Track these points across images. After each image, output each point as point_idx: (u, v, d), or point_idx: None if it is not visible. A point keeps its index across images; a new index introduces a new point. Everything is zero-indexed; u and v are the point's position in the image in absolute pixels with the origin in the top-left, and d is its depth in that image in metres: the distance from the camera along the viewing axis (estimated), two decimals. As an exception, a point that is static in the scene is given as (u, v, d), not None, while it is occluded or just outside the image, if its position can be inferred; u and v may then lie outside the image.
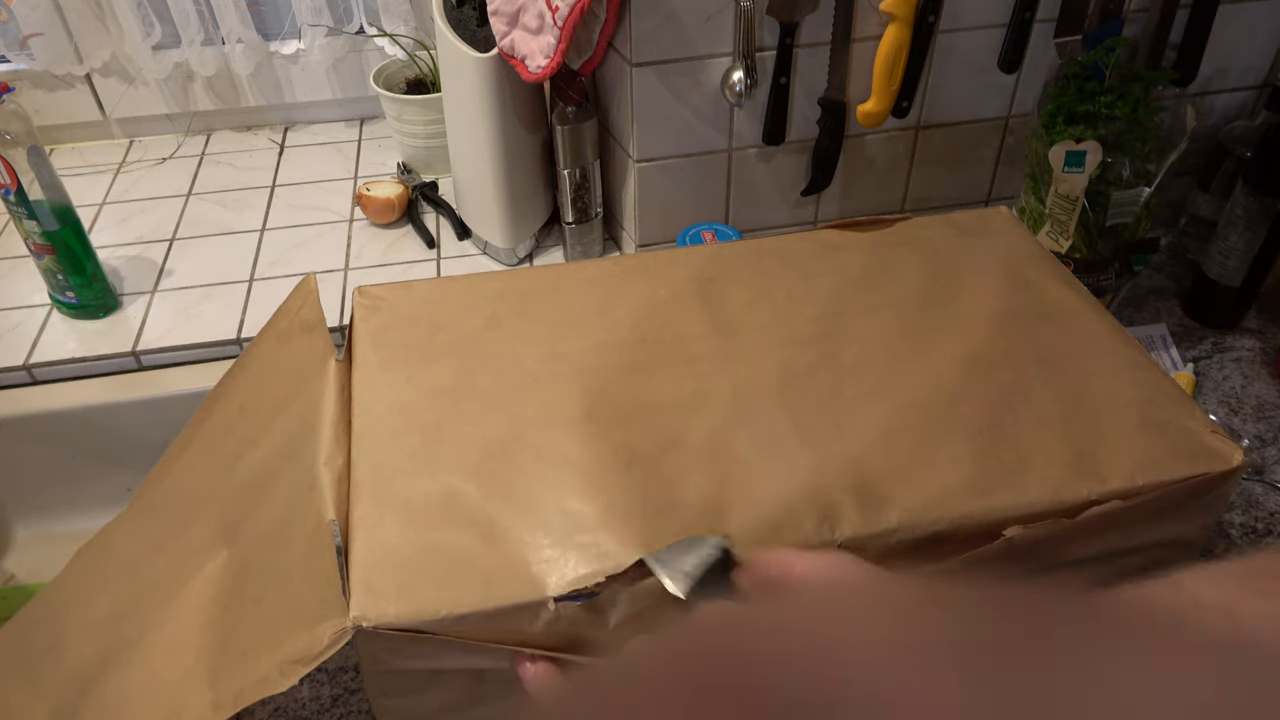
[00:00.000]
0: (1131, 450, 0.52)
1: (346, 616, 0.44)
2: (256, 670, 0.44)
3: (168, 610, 0.51)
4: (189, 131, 1.20)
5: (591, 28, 0.79)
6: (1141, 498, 0.50)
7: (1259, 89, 0.96)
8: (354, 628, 0.43)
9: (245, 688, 0.44)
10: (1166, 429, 0.54)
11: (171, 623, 0.51)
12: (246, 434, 0.58)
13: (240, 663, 0.46)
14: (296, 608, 0.46)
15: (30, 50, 1.08)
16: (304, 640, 0.44)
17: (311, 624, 0.44)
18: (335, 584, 0.45)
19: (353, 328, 0.60)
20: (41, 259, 0.87)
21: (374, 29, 1.14)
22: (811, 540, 0.48)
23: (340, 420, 0.53)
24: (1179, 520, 0.54)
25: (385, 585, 0.45)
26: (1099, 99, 0.78)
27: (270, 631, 0.46)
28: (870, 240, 0.68)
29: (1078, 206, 0.80)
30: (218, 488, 0.57)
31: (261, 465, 0.55)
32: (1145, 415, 0.55)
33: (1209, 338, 0.91)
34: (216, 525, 0.54)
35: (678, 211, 0.89)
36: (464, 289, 0.64)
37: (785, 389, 0.56)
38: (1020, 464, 0.51)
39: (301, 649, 0.44)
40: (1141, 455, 0.52)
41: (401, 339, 0.59)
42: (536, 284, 0.65)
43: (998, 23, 0.85)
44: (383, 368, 0.57)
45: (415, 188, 1.06)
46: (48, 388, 0.87)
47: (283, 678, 0.43)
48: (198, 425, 0.63)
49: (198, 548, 0.54)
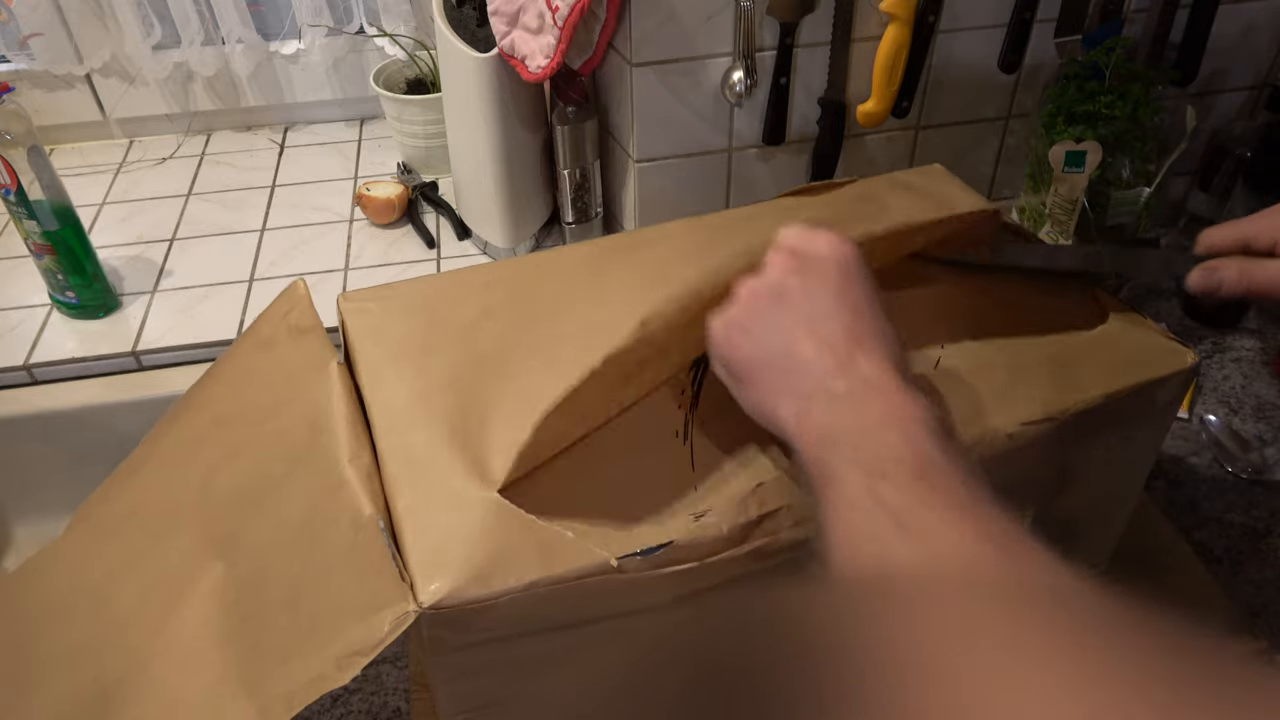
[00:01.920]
0: (1100, 362, 0.58)
1: (408, 602, 0.44)
2: (306, 671, 0.44)
3: (164, 634, 0.51)
4: (189, 131, 1.20)
5: (591, 28, 0.79)
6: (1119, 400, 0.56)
7: (1259, 89, 0.96)
8: (418, 610, 0.44)
9: (296, 690, 0.44)
10: (1128, 341, 0.60)
11: (175, 646, 0.50)
12: (226, 445, 0.57)
13: (283, 667, 0.46)
14: (344, 603, 0.46)
15: (30, 50, 1.08)
16: (359, 632, 0.44)
17: (365, 615, 0.44)
18: (389, 573, 0.45)
19: (346, 331, 0.60)
20: (41, 259, 0.87)
21: (374, 29, 1.14)
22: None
23: (356, 419, 0.53)
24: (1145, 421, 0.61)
25: (445, 566, 0.46)
26: (1099, 99, 0.78)
27: (316, 630, 0.46)
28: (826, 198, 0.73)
29: (1078, 206, 0.80)
30: (194, 503, 0.56)
31: (253, 474, 0.54)
32: (1104, 331, 0.61)
33: (1209, 338, 0.91)
34: (201, 540, 0.54)
35: (678, 211, 0.89)
36: (450, 283, 0.64)
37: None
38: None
39: (359, 641, 0.44)
40: (1111, 365, 0.58)
41: (401, 335, 0.59)
42: (522, 271, 0.65)
43: (998, 23, 0.85)
44: (390, 363, 0.57)
45: (415, 188, 1.06)
46: (48, 388, 0.87)
47: (340, 672, 0.44)
48: (155, 443, 0.62)
49: (179, 567, 0.53)
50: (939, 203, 0.69)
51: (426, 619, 0.44)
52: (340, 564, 0.48)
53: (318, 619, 0.46)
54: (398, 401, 0.55)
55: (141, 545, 0.57)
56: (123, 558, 0.57)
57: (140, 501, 0.60)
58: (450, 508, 0.49)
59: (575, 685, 0.51)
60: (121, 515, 0.60)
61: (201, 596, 0.52)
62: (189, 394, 0.63)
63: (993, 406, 0.56)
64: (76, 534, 0.62)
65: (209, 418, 0.61)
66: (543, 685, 0.51)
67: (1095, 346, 0.60)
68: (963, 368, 0.58)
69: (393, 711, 0.64)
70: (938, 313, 0.62)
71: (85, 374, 0.88)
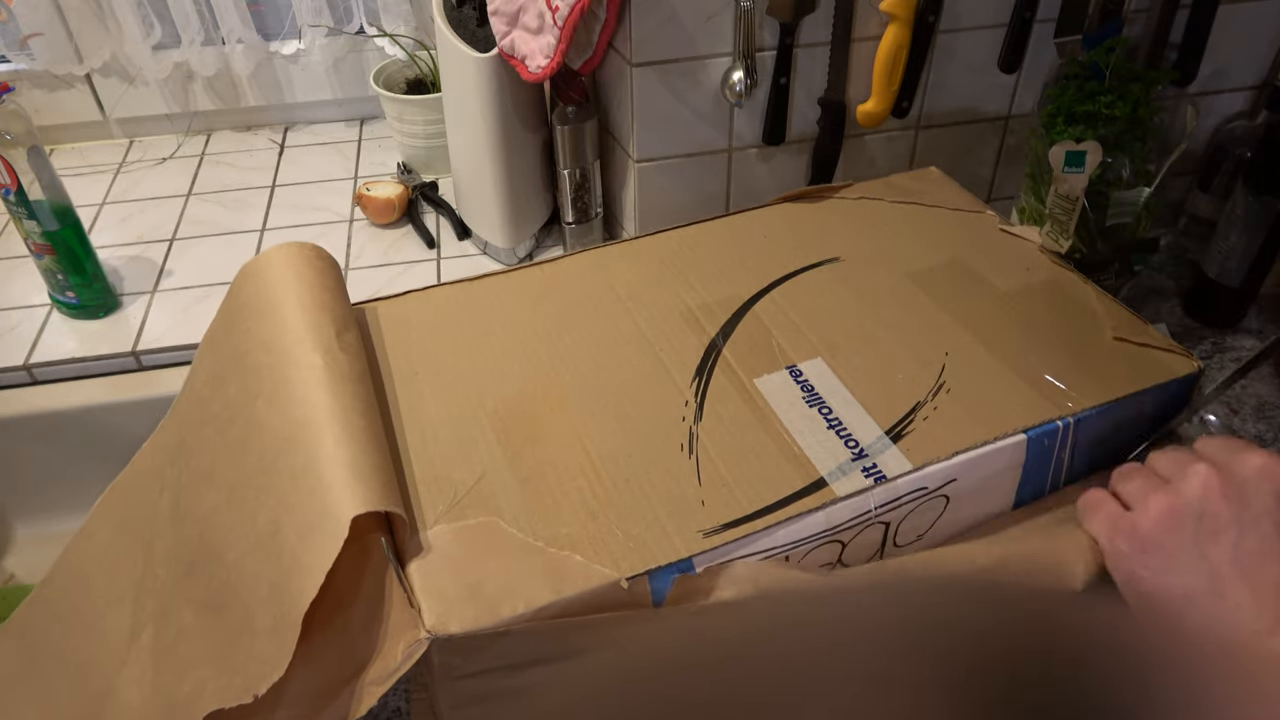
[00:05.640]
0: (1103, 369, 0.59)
1: (418, 629, 0.44)
2: (332, 696, 0.44)
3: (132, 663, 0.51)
4: (189, 131, 1.20)
5: (591, 28, 0.79)
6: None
7: (1259, 89, 0.96)
8: (429, 638, 0.43)
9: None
10: (1130, 348, 0.60)
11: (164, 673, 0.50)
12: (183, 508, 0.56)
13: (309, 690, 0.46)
14: (361, 630, 0.46)
15: (30, 50, 1.08)
16: (376, 661, 0.44)
17: (379, 642, 0.44)
18: (400, 599, 0.45)
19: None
20: (41, 259, 0.87)
21: (374, 29, 1.14)
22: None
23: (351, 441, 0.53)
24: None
25: (452, 591, 0.45)
26: (1099, 99, 0.78)
27: (338, 658, 0.46)
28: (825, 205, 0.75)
29: (1078, 206, 0.80)
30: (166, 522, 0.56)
31: (228, 528, 0.54)
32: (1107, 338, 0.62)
33: (1209, 338, 0.91)
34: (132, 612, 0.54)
35: (678, 211, 0.89)
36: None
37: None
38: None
39: (375, 669, 0.44)
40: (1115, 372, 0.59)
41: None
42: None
43: (998, 23, 0.85)
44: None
45: (415, 188, 1.06)
46: (48, 388, 0.87)
47: (358, 702, 0.44)
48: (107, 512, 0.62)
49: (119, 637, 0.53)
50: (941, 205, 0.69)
51: (438, 645, 0.44)
52: (350, 592, 0.47)
53: (339, 646, 0.47)
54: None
55: (94, 612, 0.57)
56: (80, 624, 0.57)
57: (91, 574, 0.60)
58: (454, 533, 0.48)
59: (587, 708, 0.51)
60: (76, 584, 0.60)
61: (134, 665, 0.52)
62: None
63: (995, 409, 0.56)
64: (40, 597, 0.61)
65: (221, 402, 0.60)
66: (552, 709, 0.51)
67: (1098, 354, 0.60)
68: (968, 373, 0.58)
69: (393, 712, 0.64)
70: (945, 319, 0.62)
71: (85, 374, 0.88)
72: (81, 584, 0.59)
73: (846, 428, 0.54)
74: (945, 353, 0.60)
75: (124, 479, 0.62)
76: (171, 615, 0.51)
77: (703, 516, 0.50)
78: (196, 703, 0.46)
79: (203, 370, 0.59)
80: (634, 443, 0.54)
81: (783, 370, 0.58)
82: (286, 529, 0.46)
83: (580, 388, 0.57)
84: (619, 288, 0.65)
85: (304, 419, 0.50)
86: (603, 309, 0.63)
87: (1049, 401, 0.56)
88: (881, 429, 0.54)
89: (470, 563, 0.47)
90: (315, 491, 0.47)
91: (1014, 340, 0.60)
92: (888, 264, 0.67)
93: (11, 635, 0.61)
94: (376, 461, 0.49)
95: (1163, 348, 0.60)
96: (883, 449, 0.53)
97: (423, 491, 0.51)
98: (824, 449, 0.53)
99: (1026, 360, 0.59)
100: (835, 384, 0.57)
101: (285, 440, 0.50)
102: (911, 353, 0.60)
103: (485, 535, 0.48)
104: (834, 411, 0.56)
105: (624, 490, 0.51)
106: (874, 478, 0.52)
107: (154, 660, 0.51)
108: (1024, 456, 0.55)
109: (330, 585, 0.44)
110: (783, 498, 0.50)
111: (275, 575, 0.46)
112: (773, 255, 0.68)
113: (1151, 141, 0.80)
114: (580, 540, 0.48)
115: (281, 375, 0.53)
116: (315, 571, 0.43)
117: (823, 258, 0.68)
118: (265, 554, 0.47)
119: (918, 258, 0.68)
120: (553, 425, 0.55)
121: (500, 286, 0.66)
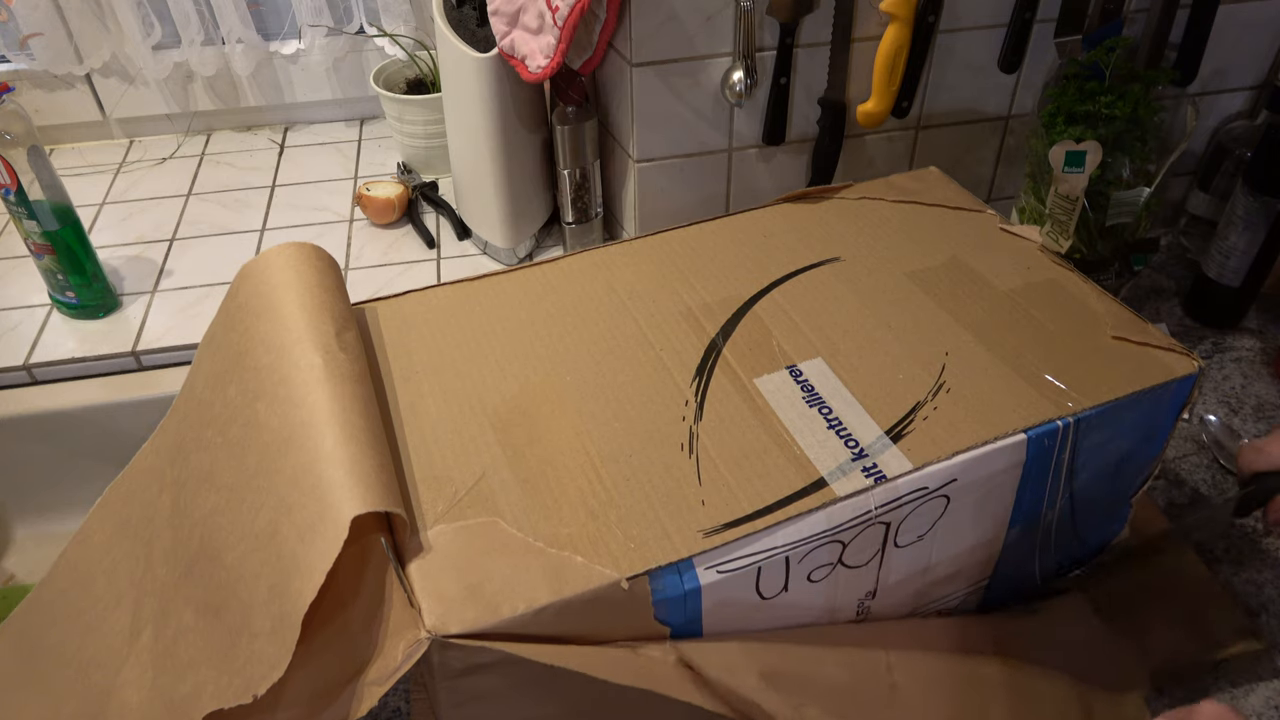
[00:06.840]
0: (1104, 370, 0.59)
1: (419, 629, 0.44)
2: (332, 696, 0.44)
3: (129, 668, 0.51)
4: (189, 131, 1.20)
5: (591, 28, 0.79)
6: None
7: (1259, 89, 0.96)
8: (429, 638, 0.43)
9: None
10: (1131, 348, 0.61)
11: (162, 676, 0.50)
12: (184, 507, 0.56)
13: (313, 689, 0.46)
14: (361, 630, 0.46)
15: (30, 50, 1.08)
16: (376, 661, 0.44)
17: (379, 642, 0.44)
18: (400, 599, 0.45)
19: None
20: (41, 259, 0.87)
21: (374, 29, 1.14)
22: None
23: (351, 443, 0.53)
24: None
25: (452, 591, 0.45)
26: (1099, 99, 0.78)
27: (338, 658, 0.46)
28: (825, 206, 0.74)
29: (1078, 206, 0.80)
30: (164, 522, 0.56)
31: (230, 531, 0.54)
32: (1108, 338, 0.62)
33: (1209, 338, 0.91)
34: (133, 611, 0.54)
35: (678, 212, 0.89)
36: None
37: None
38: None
39: (375, 670, 0.44)
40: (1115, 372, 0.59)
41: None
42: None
43: (998, 23, 0.85)
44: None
45: (415, 188, 1.06)
46: (48, 388, 0.87)
47: (359, 702, 0.44)
48: (108, 510, 0.62)
49: (121, 637, 0.53)
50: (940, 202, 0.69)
51: (438, 645, 0.44)
52: (351, 593, 0.47)
53: (340, 647, 0.46)
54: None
55: (98, 610, 0.57)
56: (86, 621, 0.57)
57: (93, 572, 0.60)
58: (455, 531, 0.48)
59: (584, 707, 0.51)
60: (79, 582, 0.60)
61: (137, 661, 0.51)
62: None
63: (995, 409, 0.56)
64: (41, 594, 0.61)
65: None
66: (550, 708, 0.51)
67: (1098, 353, 0.60)
68: (968, 373, 0.58)
69: (393, 712, 0.64)
70: (945, 318, 0.63)
71: (85, 374, 0.88)
72: (81, 584, 0.59)
73: (846, 428, 0.54)
74: (945, 353, 0.60)
75: (124, 479, 0.62)
76: (171, 616, 0.51)
77: (703, 516, 0.49)
78: (196, 703, 0.46)
79: (202, 370, 0.59)
80: (634, 443, 0.54)
81: (783, 370, 0.58)
82: (286, 529, 0.46)
83: (580, 388, 0.57)
84: (619, 288, 0.65)
85: (304, 419, 0.50)
86: (603, 309, 0.63)
87: (1049, 401, 0.56)
88: (881, 429, 0.54)
89: (470, 563, 0.47)
90: (315, 492, 0.46)
91: (1014, 340, 0.60)
92: (888, 264, 0.67)
93: (11, 635, 0.61)
94: (376, 461, 0.49)
95: (1163, 347, 0.60)
96: (883, 449, 0.53)
97: (423, 491, 0.51)
98: (824, 449, 0.53)
99: (1026, 360, 0.59)
100: (835, 384, 0.57)
101: (285, 440, 0.50)
102: (911, 353, 0.60)
103: (485, 535, 0.48)
104: (834, 411, 0.55)
105: (624, 490, 0.51)
106: (874, 478, 0.52)
107: (153, 661, 0.51)
108: (1024, 456, 0.55)
109: (330, 585, 0.44)
110: (783, 498, 0.50)
111: (275, 576, 0.46)
112: (773, 255, 0.68)
113: (1151, 141, 0.80)
114: (580, 540, 0.48)
115: (281, 375, 0.53)
116: (315, 572, 0.43)
117: (823, 258, 0.68)
118: (265, 554, 0.47)
119: (918, 258, 0.68)
120: (553, 425, 0.55)
121: (500, 286, 0.66)
